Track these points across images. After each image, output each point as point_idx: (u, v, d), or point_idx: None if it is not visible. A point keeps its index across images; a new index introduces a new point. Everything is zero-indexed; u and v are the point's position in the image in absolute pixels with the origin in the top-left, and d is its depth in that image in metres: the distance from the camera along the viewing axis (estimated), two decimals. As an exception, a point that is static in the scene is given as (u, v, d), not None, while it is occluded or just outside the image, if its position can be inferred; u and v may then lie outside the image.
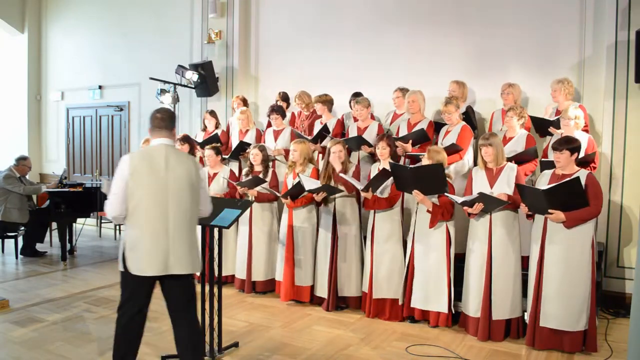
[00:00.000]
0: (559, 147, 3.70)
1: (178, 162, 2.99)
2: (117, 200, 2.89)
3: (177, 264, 2.92)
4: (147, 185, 2.90)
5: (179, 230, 2.93)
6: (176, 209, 2.93)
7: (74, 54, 9.47)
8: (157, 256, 2.88)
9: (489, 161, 4.04)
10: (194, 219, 3.07)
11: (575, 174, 3.67)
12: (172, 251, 2.91)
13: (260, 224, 5.19)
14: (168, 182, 2.93)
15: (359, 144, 5.22)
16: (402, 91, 5.53)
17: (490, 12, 5.78)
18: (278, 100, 6.54)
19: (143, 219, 2.90)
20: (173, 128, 3.10)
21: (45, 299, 4.98)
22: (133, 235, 2.91)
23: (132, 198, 2.88)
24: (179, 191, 2.95)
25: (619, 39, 4.92)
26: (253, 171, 5.21)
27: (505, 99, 5.07)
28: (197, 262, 3.05)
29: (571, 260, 3.63)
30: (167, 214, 2.91)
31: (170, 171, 2.94)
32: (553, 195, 3.54)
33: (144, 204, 2.89)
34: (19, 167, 6.75)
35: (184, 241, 2.95)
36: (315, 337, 4.08)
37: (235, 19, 7.40)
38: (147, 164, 2.93)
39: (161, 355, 3.61)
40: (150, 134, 3.09)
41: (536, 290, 3.76)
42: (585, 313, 3.63)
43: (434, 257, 4.19)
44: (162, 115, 3.07)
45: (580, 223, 3.60)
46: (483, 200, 3.84)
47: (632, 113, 4.89)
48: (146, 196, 2.89)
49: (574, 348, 3.67)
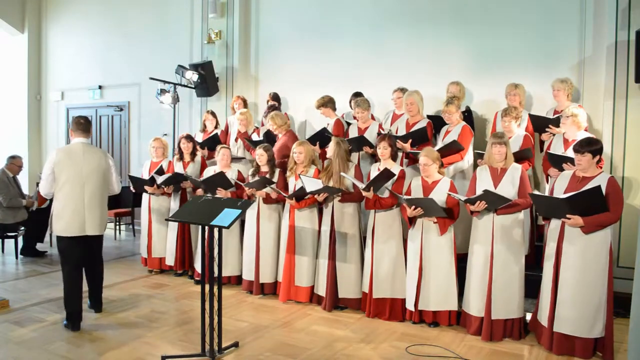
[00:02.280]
0: (581, 149, 3.57)
1: (92, 155, 4.26)
2: (48, 182, 4.15)
3: (90, 227, 4.21)
4: (69, 171, 4.14)
5: (92, 203, 4.21)
6: (90, 188, 4.21)
7: (74, 54, 9.47)
8: (77, 222, 4.14)
9: (500, 160, 3.99)
10: (104, 195, 4.34)
11: (597, 177, 3.57)
12: (87, 218, 4.19)
13: (268, 225, 5.15)
14: (83, 169, 4.18)
15: (360, 145, 5.22)
16: (402, 91, 5.52)
17: (490, 12, 5.78)
18: (269, 101, 6.55)
19: (67, 195, 4.14)
20: (90, 131, 4.38)
21: (45, 299, 4.98)
22: (59, 207, 4.15)
23: (58, 180, 4.13)
24: (91, 175, 4.22)
25: (619, 39, 4.92)
26: (259, 172, 5.17)
27: (512, 100, 5.04)
28: (104, 226, 4.35)
29: (587, 265, 3.55)
30: (84, 192, 4.18)
31: (85, 161, 4.20)
32: (572, 203, 3.47)
33: (68, 185, 4.13)
34: (9, 166, 6.73)
35: (96, 211, 4.23)
36: (315, 337, 4.08)
37: (235, 19, 7.41)
38: (69, 156, 4.17)
39: (161, 355, 3.61)
40: (71, 134, 4.31)
41: (553, 294, 3.69)
42: (601, 320, 3.56)
43: (443, 258, 4.18)
44: (84, 121, 4.33)
45: (598, 229, 3.51)
46: (487, 197, 3.84)
47: (632, 113, 4.89)
48: (68, 179, 4.13)
49: (585, 355, 3.60)
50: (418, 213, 4.09)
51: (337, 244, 4.68)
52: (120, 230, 8.51)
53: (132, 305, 4.83)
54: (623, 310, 4.29)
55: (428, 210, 4.08)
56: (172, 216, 3.94)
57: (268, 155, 5.10)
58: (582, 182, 3.62)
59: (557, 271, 3.68)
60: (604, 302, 3.57)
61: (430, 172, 4.23)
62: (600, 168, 3.77)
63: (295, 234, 4.88)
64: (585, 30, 5.25)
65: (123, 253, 7.26)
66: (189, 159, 5.94)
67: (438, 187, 4.20)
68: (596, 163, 3.62)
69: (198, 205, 3.77)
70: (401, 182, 4.44)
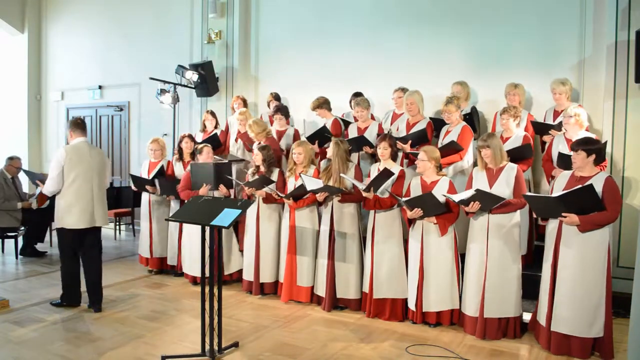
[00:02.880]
0: (575, 147, 3.61)
1: (96, 152, 4.68)
2: (56, 180, 4.44)
3: (98, 219, 4.61)
4: (79, 168, 4.48)
5: (99, 197, 4.61)
6: (97, 183, 4.60)
7: (74, 54, 9.47)
8: (87, 214, 4.52)
9: (489, 162, 4.04)
10: (104, 189, 4.72)
11: (594, 176, 3.57)
12: (95, 211, 4.58)
13: (268, 224, 5.15)
14: (92, 166, 4.56)
15: (360, 145, 5.22)
16: (402, 91, 5.53)
17: (490, 12, 5.78)
18: (271, 101, 6.54)
19: (77, 190, 4.47)
20: (86, 130, 4.74)
21: (45, 299, 4.98)
22: (70, 202, 4.46)
23: (68, 177, 4.44)
24: (98, 172, 4.61)
25: (619, 39, 4.91)
26: (259, 171, 5.16)
27: (512, 100, 5.05)
28: (106, 218, 4.73)
29: (585, 265, 3.55)
30: (92, 187, 4.56)
31: (92, 158, 4.58)
32: (566, 201, 3.47)
33: (78, 181, 4.47)
34: (7, 168, 6.71)
35: (102, 204, 4.65)
36: (315, 337, 4.08)
37: (235, 19, 7.40)
38: (77, 154, 4.50)
39: (161, 355, 3.61)
40: (72, 133, 4.61)
41: (551, 294, 3.70)
42: (599, 320, 3.56)
43: (444, 259, 4.18)
44: (81, 121, 4.68)
45: (595, 227, 3.51)
46: (480, 197, 3.85)
47: (632, 113, 4.89)
48: (79, 175, 4.47)
49: (583, 355, 3.60)
50: (418, 214, 4.10)
51: (337, 244, 4.68)
52: (120, 230, 8.51)
53: (132, 305, 4.83)
54: (623, 310, 4.29)
55: (428, 207, 4.07)
56: (172, 216, 3.94)
57: (263, 155, 5.11)
58: (579, 181, 3.63)
59: (555, 271, 3.69)
60: (603, 302, 3.57)
61: (424, 168, 4.23)
62: (600, 168, 3.78)
63: (296, 234, 4.88)
64: (585, 31, 5.25)
65: (123, 253, 7.26)
66: (189, 159, 5.94)
67: (437, 187, 4.20)
68: (595, 163, 3.62)
69: (198, 205, 3.77)
70: (401, 182, 4.44)
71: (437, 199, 4.05)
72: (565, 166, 4.30)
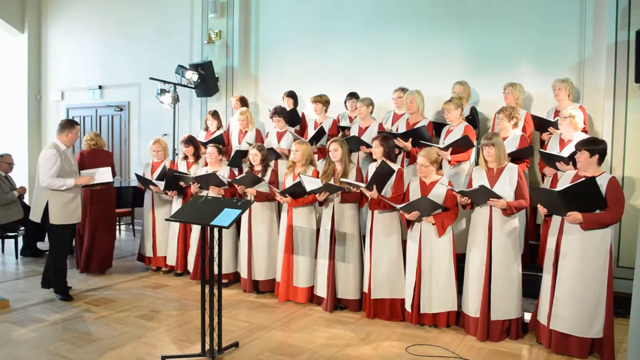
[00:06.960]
0: (578, 147, 3.61)
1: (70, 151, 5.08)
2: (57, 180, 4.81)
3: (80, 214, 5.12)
4: (70, 165, 4.93)
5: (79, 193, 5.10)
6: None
7: (74, 54, 9.47)
8: (79, 209, 5.04)
9: (491, 161, 4.03)
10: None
11: (597, 177, 3.55)
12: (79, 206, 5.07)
13: (260, 222, 5.18)
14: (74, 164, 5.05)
15: (358, 145, 5.23)
16: (402, 91, 5.53)
17: (490, 12, 5.79)
18: (284, 98, 6.49)
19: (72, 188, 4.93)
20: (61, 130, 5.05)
21: (45, 299, 4.98)
22: (67, 198, 4.89)
23: (63, 174, 4.84)
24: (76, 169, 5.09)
25: (619, 39, 4.92)
26: (253, 171, 5.20)
27: (506, 97, 5.07)
28: None
29: (585, 264, 3.54)
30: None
31: (72, 157, 5.04)
32: (568, 196, 3.46)
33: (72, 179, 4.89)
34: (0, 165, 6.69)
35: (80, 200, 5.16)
36: (315, 337, 4.08)
37: (235, 19, 7.41)
38: (66, 152, 4.95)
39: (161, 355, 3.61)
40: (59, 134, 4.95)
41: (551, 293, 3.69)
42: (599, 320, 3.55)
43: (442, 260, 4.18)
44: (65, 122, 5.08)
45: (597, 227, 3.49)
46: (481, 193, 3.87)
47: (632, 113, 4.89)
48: (70, 173, 4.90)
49: (581, 354, 3.60)
50: (415, 217, 4.10)
51: (337, 244, 4.68)
52: (120, 230, 8.51)
53: (132, 305, 4.83)
54: (623, 310, 4.29)
55: (424, 209, 4.08)
56: (172, 216, 3.93)
57: (262, 155, 5.12)
58: None
59: (556, 270, 3.69)
60: (603, 302, 3.56)
61: (426, 173, 4.23)
62: None
63: (294, 234, 4.88)
64: (585, 30, 5.25)
65: (123, 253, 7.25)
66: (193, 160, 5.96)
67: (436, 188, 4.20)
68: (599, 163, 3.62)
69: (198, 205, 3.77)
70: (401, 181, 4.43)
71: (432, 201, 4.05)
72: (551, 165, 4.34)
